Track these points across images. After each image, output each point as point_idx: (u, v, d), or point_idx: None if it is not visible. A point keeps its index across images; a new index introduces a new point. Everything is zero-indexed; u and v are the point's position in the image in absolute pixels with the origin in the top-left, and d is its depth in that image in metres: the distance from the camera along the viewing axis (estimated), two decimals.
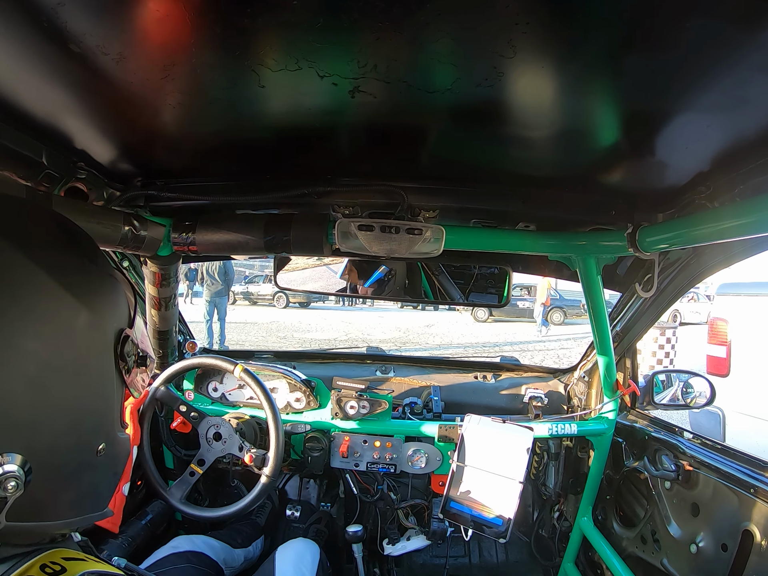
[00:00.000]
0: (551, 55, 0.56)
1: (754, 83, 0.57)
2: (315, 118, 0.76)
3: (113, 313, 0.57)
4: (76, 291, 0.51)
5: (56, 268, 0.50)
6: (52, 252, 0.51)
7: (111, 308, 0.56)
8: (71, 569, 0.48)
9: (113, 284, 0.58)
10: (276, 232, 1.11)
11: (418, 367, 1.99)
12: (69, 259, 0.53)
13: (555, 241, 1.20)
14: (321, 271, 1.66)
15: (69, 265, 0.52)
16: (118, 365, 0.56)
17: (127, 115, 0.76)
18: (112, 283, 0.58)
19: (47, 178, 0.87)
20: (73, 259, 0.53)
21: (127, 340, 0.57)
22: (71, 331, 0.50)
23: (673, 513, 1.26)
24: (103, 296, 0.56)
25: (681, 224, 0.92)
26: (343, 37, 0.53)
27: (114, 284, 0.58)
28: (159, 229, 1.15)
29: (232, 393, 1.71)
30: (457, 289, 1.59)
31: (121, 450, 0.61)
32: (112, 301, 0.57)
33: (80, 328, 0.51)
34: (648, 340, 6.45)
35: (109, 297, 0.57)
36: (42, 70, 0.62)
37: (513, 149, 0.87)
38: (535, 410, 1.73)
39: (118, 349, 0.56)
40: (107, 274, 0.57)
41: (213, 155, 0.98)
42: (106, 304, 0.56)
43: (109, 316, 0.55)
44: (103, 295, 0.56)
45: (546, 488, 1.78)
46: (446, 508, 1.40)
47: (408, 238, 1.07)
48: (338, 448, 1.60)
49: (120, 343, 0.56)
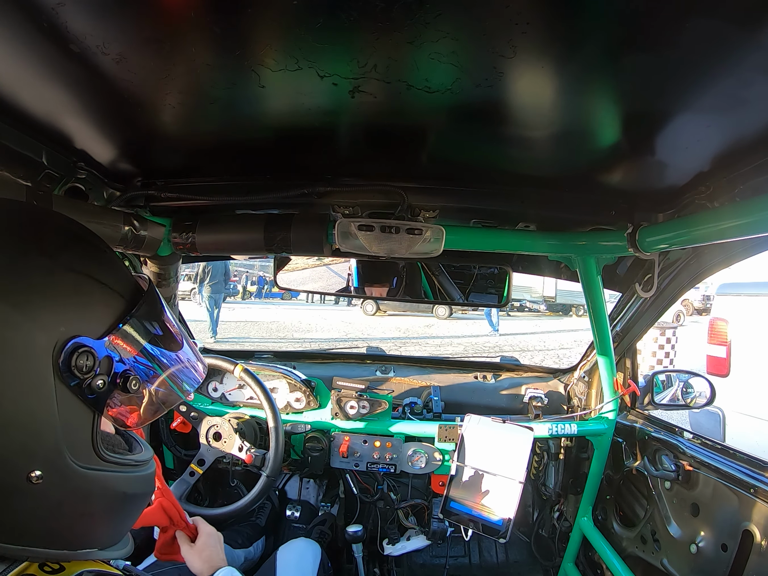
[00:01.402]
0: (551, 55, 0.56)
1: (754, 84, 0.57)
2: (315, 118, 0.76)
3: (61, 316, 0.47)
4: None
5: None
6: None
7: (57, 310, 0.47)
8: (70, 568, 0.48)
9: (80, 285, 0.50)
10: (276, 232, 1.11)
11: (418, 367, 1.99)
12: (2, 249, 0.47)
13: (555, 241, 1.20)
14: (321, 271, 1.66)
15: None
16: (63, 379, 0.46)
17: (127, 115, 0.76)
18: (79, 284, 0.50)
19: (47, 178, 0.87)
20: (6, 248, 0.47)
21: (79, 351, 0.47)
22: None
23: (673, 513, 1.26)
24: (48, 295, 0.47)
25: (681, 224, 0.92)
26: (343, 37, 0.53)
27: (82, 285, 0.50)
28: (159, 229, 1.15)
29: (232, 393, 1.71)
30: (457, 289, 1.59)
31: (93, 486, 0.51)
32: (61, 303, 0.48)
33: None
34: (648, 340, 6.44)
35: (60, 297, 0.48)
36: (42, 70, 0.62)
37: (513, 149, 0.87)
38: (535, 410, 1.73)
39: (60, 359, 0.46)
40: (75, 272, 0.50)
41: (213, 155, 0.98)
42: (49, 304, 0.47)
43: (47, 319, 0.46)
44: (50, 293, 0.47)
45: (546, 488, 1.78)
46: (446, 508, 1.40)
47: (408, 238, 1.07)
48: (338, 448, 1.60)
49: (63, 352, 0.46)
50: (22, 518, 0.47)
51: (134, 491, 0.56)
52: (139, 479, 0.57)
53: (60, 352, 0.46)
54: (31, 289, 0.46)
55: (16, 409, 0.45)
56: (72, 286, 0.49)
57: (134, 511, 0.59)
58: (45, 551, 0.48)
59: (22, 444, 0.45)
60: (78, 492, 0.50)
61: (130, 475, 0.55)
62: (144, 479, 0.58)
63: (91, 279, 0.51)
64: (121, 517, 0.57)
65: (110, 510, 0.54)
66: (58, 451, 0.47)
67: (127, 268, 0.57)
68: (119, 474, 0.53)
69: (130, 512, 0.58)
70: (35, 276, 0.47)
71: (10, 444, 0.45)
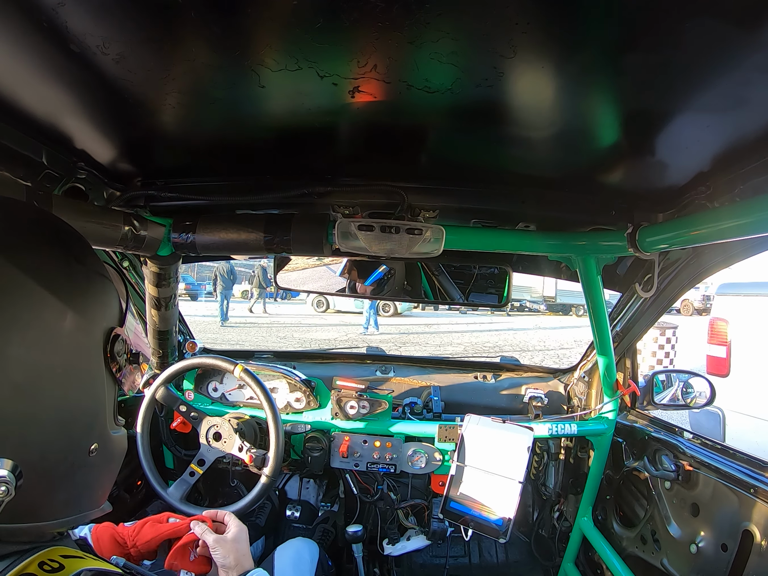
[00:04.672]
0: (551, 55, 0.56)
1: (754, 84, 0.57)
2: (315, 118, 0.76)
3: (102, 312, 0.56)
4: (60, 294, 0.50)
5: (39, 271, 0.49)
6: (34, 254, 0.50)
7: (99, 308, 0.55)
8: (69, 567, 0.48)
9: (103, 283, 0.57)
10: (276, 232, 1.11)
11: (418, 367, 1.99)
12: (52, 261, 0.52)
13: (555, 241, 1.20)
14: (321, 271, 1.66)
15: (52, 267, 0.51)
16: (109, 365, 0.55)
17: (127, 115, 0.76)
18: (102, 283, 0.57)
19: (47, 178, 0.87)
20: (57, 261, 0.52)
21: (117, 339, 0.56)
22: (57, 334, 0.49)
23: (673, 513, 1.26)
24: (91, 297, 0.55)
25: (681, 224, 0.92)
26: (343, 37, 0.53)
27: (104, 283, 0.57)
28: (159, 229, 1.15)
29: (232, 393, 1.71)
30: (457, 289, 1.59)
31: (116, 448, 0.61)
32: (100, 301, 0.56)
33: (66, 331, 0.50)
34: (648, 340, 6.45)
35: (97, 297, 0.56)
36: (42, 70, 0.62)
37: (513, 149, 0.87)
38: (535, 410, 1.73)
39: (108, 348, 0.55)
40: (96, 273, 0.56)
41: (213, 155, 0.98)
42: (93, 305, 0.55)
43: (97, 317, 0.55)
44: (91, 295, 0.55)
45: (546, 488, 1.79)
46: (446, 508, 1.40)
47: (408, 238, 1.07)
48: (338, 448, 1.60)
49: (110, 342, 0.55)
50: (83, 489, 0.56)
51: (125, 445, 0.65)
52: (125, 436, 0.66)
53: (107, 343, 0.55)
54: (81, 294, 0.53)
55: (86, 397, 0.53)
56: (99, 285, 0.57)
57: (121, 464, 0.67)
58: (87, 513, 0.57)
59: (88, 425, 0.54)
60: (111, 455, 0.60)
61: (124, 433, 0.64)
62: (125, 436, 0.67)
63: (103, 277, 0.58)
64: (118, 470, 0.65)
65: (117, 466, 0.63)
66: (105, 424, 0.57)
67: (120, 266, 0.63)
68: (121, 434, 0.62)
69: (120, 464, 0.67)
70: (81, 282, 0.54)
71: (80, 428, 0.53)
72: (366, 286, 1.62)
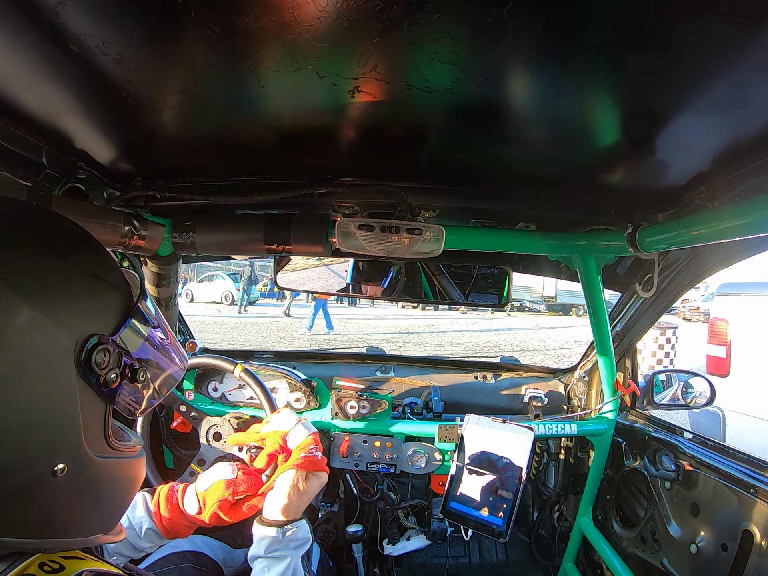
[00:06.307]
0: (551, 55, 0.56)
1: (753, 84, 0.57)
2: (315, 118, 0.76)
3: (80, 315, 0.50)
4: (18, 285, 0.45)
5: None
6: None
7: (77, 310, 0.50)
8: (69, 567, 0.48)
9: (92, 285, 0.52)
10: (276, 232, 1.11)
11: (418, 367, 1.98)
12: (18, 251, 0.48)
13: (555, 241, 1.20)
14: (321, 271, 1.66)
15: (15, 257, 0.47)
16: (85, 376, 0.49)
17: (127, 115, 0.76)
18: (92, 285, 0.52)
19: (47, 179, 0.87)
20: (24, 250, 0.48)
21: (98, 348, 0.49)
22: (5, 329, 0.44)
23: (673, 513, 1.26)
24: (67, 297, 0.49)
25: (681, 224, 0.92)
26: (343, 37, 0.53)
27: (94, 286, 0.52)
28: (159, 229, 1.15)
29: (232, 393, 1.70)
30: (456, 289, 1.59)
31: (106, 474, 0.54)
32: (80, 303, 0.50)
33: (18, 328, 0.45)
34: (648, 340, 6.45)
35: (76, 298, 0.50)
36: (42, 70, 0.62)
37: (513, 149, 0.87)
38: (535, 410, 1.73)
39: (82, 357, 0.48)
40: (87, 274, 0.52)
41: (213, 155, 0.98)
42: (68, 305, 0.49)
43: (71, 320, 0.49)
44: (67, 295, 0.49)
45: (546, 488, 1.78)
46: (446, 508, 1.40)
47: (408, 238, 1.07)
48: (338, 448, 1.60)
49: (85, 350, 0.48)
50: (46, 511, 0.49)
51: (132, 475, 0.60)
52: (136, 464, 0.60)
53: (81, 350, 0.48)
54: (51, 291, 0.48)
55: (43, 407, 0.47)
56: (85, 286, 0.52)
57: (130, 495, 0.62)
58: (63, 541, 0.51)
59: (49, 440, 0.47)
60: (94, 481, 0.53)
61: (129, 460, 0.58)
62: (140, 464, 0.62)
63: (98, 279, 0.53)
64: (122, 501, 0.60)
65: (115, 495, 0.57)
66: (79, 444, 0.50)
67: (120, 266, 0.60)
68: (122, 460, 0.57)
69: (128, 496, 0.61)
70: (53, 278, 0.49)
71: (37, 442, 0.47)
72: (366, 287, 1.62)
